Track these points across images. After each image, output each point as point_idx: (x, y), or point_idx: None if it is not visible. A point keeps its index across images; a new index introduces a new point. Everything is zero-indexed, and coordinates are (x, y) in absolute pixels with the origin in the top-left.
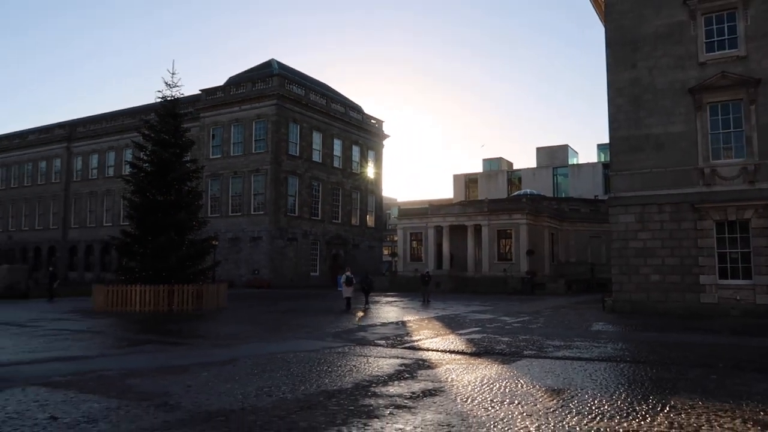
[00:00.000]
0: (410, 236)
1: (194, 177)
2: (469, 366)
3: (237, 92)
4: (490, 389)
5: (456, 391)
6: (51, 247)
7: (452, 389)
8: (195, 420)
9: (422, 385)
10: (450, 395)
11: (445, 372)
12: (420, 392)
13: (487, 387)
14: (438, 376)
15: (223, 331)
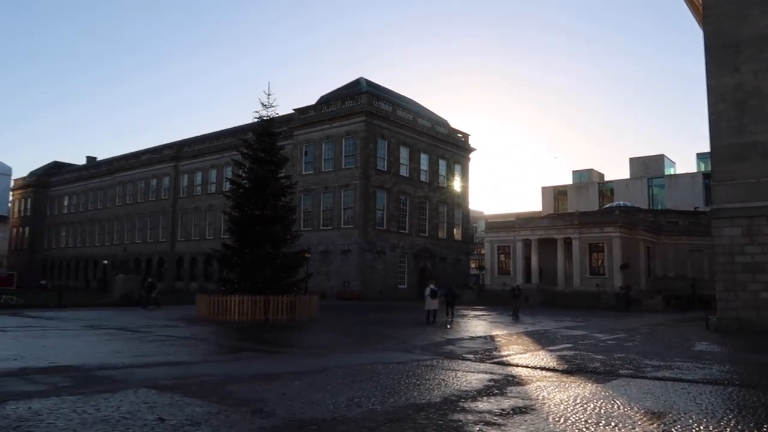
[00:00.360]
0: (498, 249)
1: (288, 192)
2: (561, 384)
3: (327, 110)
4: (583, 409)
5: (548, 410)
6: (160, 259)
7: (543, 407)
8: (288, 427)
9: (512, 402)
10: (541, 414)
11: (536, 389)
12: (510, 409)
13: (581, 407)
14: (528, 393)
15: (315, 341)
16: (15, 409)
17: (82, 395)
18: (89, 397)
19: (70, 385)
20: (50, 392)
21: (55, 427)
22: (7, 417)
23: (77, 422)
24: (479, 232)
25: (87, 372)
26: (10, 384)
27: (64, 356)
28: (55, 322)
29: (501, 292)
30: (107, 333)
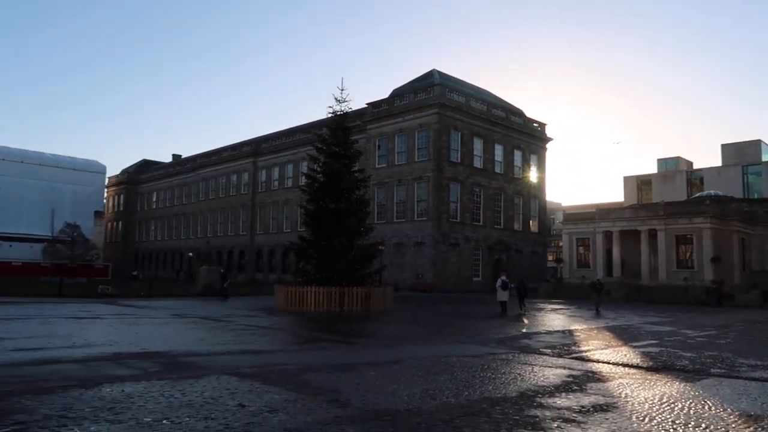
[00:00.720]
0: (576, 242)
1: (362, 186)
2: (646, 382)
3: (400, 104)
4: (670, 409)
5: (631, 408)
6: (241, 251)
7: (626, 406)
8: (363, 417)
9: (592, 399)
10: (624, 412)
11: (618, 386)
12: (590, 406)
13: (667, 406)
14: (610, 390)
15: (389, 332)
16: (110, 391)
17: (169, 380)
18: (176, 382)
19: (158, 370)
20: (141, 377)
21: (145, 409)
22: (103, 398)
23: (165, 405)
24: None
25: (174, 358)
26: (106, 368)
27: (154, 343)
28: (146, 311)
29: (579, 286)
30: (192, 321)
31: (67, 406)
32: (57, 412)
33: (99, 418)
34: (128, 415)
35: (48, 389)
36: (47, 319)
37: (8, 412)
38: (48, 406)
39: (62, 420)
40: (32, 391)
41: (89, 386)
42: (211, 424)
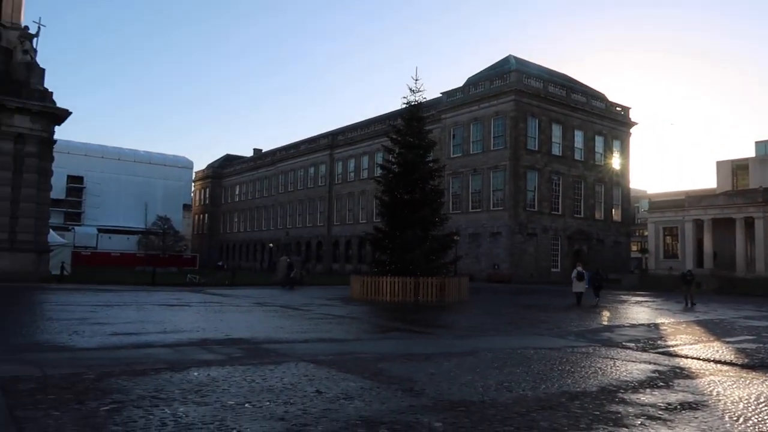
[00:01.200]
0: (663, 231)
1: (436, 176)
2: (740, 380)
3: (475, 92)
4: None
5: (723, 407)
6: (319, 242)
7: (717, 405)
8: (437, 407)
9: (680, 397)
10: (715, 411)
11: (709, 384)
12: (677, 404)
13: (765, 406)
14: (699, 387)
15: (464, 323)
16: (197, 375)
17: (251, 366)
18: (257, 368)
19: (241, 356)
20: (225, 362)
21: (229, 393)
22: (191, 381)
23: (247, 390)
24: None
25: (256, 345)
26: (194, 353)
27: (237, 330)
28: (230, 299)
29: (666, 277)
30: (273, 310)
31: (159, 387)
32: (149, 393)
33: (187, 400)
34: (213, 398)
35: (142, 371)
36: (142, 306)
37: (108, 392)
38: (142, 387)
39: (154, 400)
40: (128, 372)
41: (178, 369)
42: (290, 409)
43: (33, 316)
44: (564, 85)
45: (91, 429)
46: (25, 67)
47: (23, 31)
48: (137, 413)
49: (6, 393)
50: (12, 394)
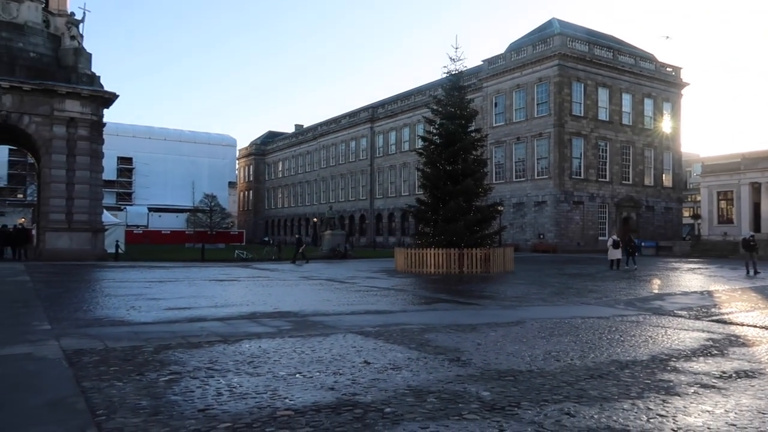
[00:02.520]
0: (717, 195)
1: (479, 146)
2: None
3: (517, 58)
4: None
5: None
6: (362, 215)
7: None
8: (485, 377)
9: (735, 365)
10: None
11: (766, 352)
12: (732, 372)
13: None
14: (756, 355)
15: (510, 293)
16: (249, 347)
17: (300, 338)
18: (306, 340)
19: (290, 328)
20: (275, 334)
21: (280, 363)
22: (243, 353)
23: (297, 361)
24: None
25: (303, 317)
26: (244, 326)
27: (285, 303)
28: (277, 273)
29: (720, 244)
30: (318, 283)
31: (213, 359)
32: (205, 365)
33: (240, 371)
34: (265, 369)
35: (196, 344)
36: (193, 281)
37: (166, 363)
38: (197, 359)
39: (209, 371)
40: (183, 345)
41: (231, 342)
42: (340, 379)
43: (93, 293)
44: (610, 47)
45: (152, 398)
46: (73, 53)
47: (70, 17)
48: (194, 383)
49: (72, 365)
50: (78, 366)
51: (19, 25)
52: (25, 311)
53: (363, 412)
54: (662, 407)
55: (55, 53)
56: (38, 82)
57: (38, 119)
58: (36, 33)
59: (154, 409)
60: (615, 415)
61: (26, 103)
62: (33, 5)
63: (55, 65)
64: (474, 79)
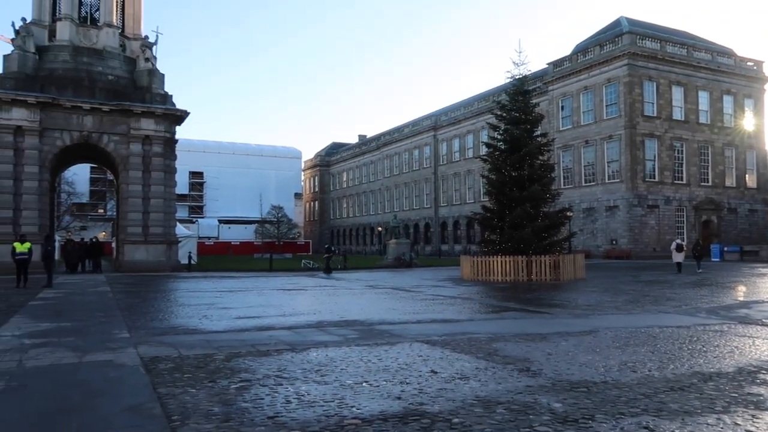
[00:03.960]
0: None
1: (545, 150)
2: None
3: (584, 59)
4: None
5: None
6: (426, 224)
7: None
8: (556, 388)
9: None
10: None
11: None
12: None
13: None
14: None
15: (581, 302)
16: (316, 356)
17: (366, 346)
18: (372, 348)
19: (356, 337)
20: (341, 343)
21: (347, 372)
22: (311, 362)
23: (363, 369)
24: None
25: (369, 326)
26: (311, 335)
27: (351, 312)
28: (343, 283)
29: None
30: (384, 292)
31: (281, 367)
32: (273, 372)
33: (308, 379)
34: (333, 377)
35: (265, 352)
36: (261, 291)
37: (236, 371)
38: (266, 367)
39: (278, 379)
40: (253, 353)
41: (298, 350)
42: (407, 388)
43: (168, 303)
44: (684, 44)
45: (223, 405)
46: (147, 74)
47: (144, 41)
48: (263, 391)
49: (149, 371)
50: (154, 373)
51: (99, 50)
52: (106, 320)
53: (430, 423)
54: (751, 422)
55: (131, 75)
56: (116, 103)
57: (116, 138)
58: (113, 57)
59: (225, 416)
60: (698, 429)
61: (105, 123)
62: (111, 31)
63: (131, 86)
64: (539, 83)
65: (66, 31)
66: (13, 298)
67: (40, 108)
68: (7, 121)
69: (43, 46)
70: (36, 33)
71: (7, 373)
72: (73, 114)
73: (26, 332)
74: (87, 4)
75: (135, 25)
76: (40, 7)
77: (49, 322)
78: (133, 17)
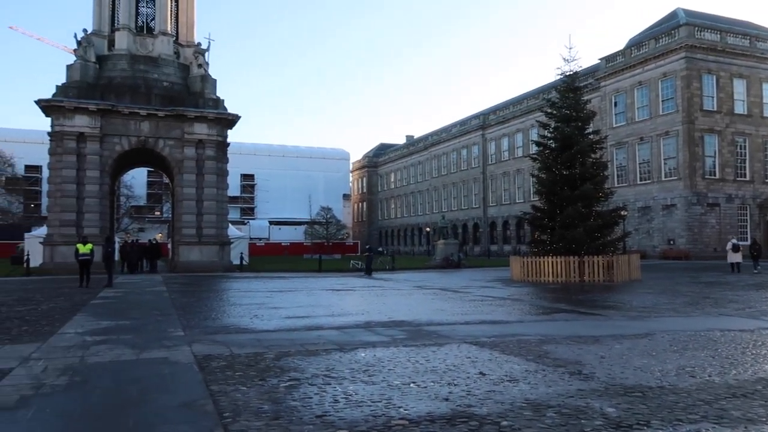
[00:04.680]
0: None
1: (597, 148)
2: None
3: (638, 53)
4: None
5: None
6: (475, 224)
7: None
8: (609, 392)
9: None
10: None
11: None
12: None
13: None
14: None
15: (636, 303)
16: (364, 356)
17: (414, 347)
18: (420, 349)
19: (404, 337)
20: (389, 343)
21: (394, 373)
22: (359, 362)
23: (411, 370)
24: None
25: (417, 327)
26: (359, 335)
27: (399, 312)
28: (391, 283)
29: None
30: (432, 293)
31: (330, 367)
32: (322, 372)
33: (356, 379)
34: (380, 378)
35: (314, 352)
36: (311, 291)
37: (286, 370)
38: (315, 366)
39: (326, 379)
40: (302, 353)
41: (346, 350)
42: (454, 390)
43: (220, 302)
44: (747, 34)
45: (273, 403)
46: (200, 80)
47: (197, 47)
48: (312, 390)
49: (202, 369)
50: (207, 371)
51: (154, 58)
52: (162, 319)
53: (478, 425)
54: None
55: (185, 81)
56: (171, 109)
57: (171, 142)
58: (168, 64)
59: (275, 414)
60: None
61: (161, 128)
62: (165, 39)
63: (185, 92)
64: (591, 79)
65: (124, 41)
66: (76, 296)
67: (101, 115)
68: (71, 128)
69: (102, 55)
70: (96, 43)
71: (71, 368)
72: (130, 120)
73: (88, 330)
74: (143, 13)
75: (188, 32)
76: (100, 18)
77: (109, 320)
78: (186, 25)
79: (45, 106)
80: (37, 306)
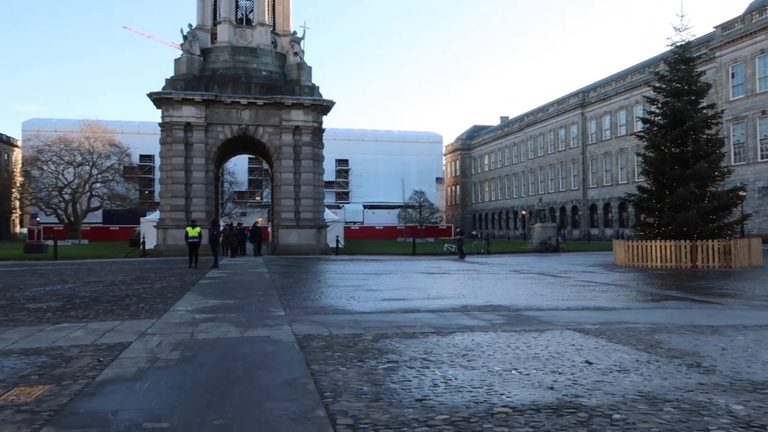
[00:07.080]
0: None
1: (712, 124)
2: None
3: (760, 18)
4: None
5: None
6: (573, 207)
7: None
8: (735, 387)
9: None
10: None
11: None
12: None
13: None
14: None
15: (759, 292)
16: (462, 340)
17: (513, 332)
18: (520, 335)
19: (503, 322)
20: (487, 328)
21: (494, 358)
22: (457, 346)
23: (512, 356)
24: None
25: (516, 312)
26: (456, 318)
27: (496, 296)
28: (486, 267)
29: None
30: (530, 277)
31: (428, 350)
32: (420, 355)
33: (455, 363)
34: (480, 363)
35: (411, 334)
36: (406, 274)
37: (384, 352)
38: (412, 349)
39: (424, 362)
40: (399, 335)
41: (444, 334)
42: (559, 378)
43: (318, 284)
44: None
45: (372, 385)
46: (296, 68)
47: (293, 36)
48: (411, 373)
49: (303, 348)
50: (307, 350)
51: (253, 49)
52: (265, 299)
53: (588, 417)
54: None
55: (282, 69)
56: (269, 97)
57: (270, 129)
58: (266, 54)
59: (374, 395)
60: None
61: (260, 116)
62: (263, 29)
63: (282, 80)
64: (704, 49)
65: (225, 33)
66: (186, 277)
67: (205, 105)
68: (179, 118)
69: (205, 48)
70: (200, 37)
71: (182, 344)
72: (232, 109)
73: (197, 308)
74: (243, 6)
75: (284, 21)
76: (203, 12)
77: (216, 299)
78: (282, 14)
79: (156, 98)
80: (151, 285)
